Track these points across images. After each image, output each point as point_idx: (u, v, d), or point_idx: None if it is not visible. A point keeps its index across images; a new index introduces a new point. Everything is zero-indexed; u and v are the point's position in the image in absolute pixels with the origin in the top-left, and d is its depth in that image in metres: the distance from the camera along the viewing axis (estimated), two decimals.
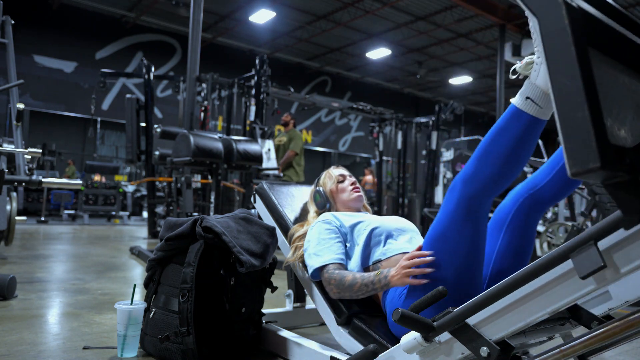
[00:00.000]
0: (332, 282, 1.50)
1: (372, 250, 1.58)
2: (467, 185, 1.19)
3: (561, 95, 0.73)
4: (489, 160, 1.15)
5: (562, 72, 0.73)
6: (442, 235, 1.26)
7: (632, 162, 0.73)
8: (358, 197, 1.82)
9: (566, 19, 0.73)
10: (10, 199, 3.61)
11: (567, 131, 0.71)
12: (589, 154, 0.69)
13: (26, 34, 12.01)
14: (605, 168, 0.68)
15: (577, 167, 0.70)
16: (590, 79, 0.72)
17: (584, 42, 0.73)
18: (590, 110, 0.69)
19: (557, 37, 0.74)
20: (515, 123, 1.11)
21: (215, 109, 7.20)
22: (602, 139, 0.69)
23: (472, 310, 1.01)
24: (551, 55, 0.75)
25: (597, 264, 0.78)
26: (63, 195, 9.33)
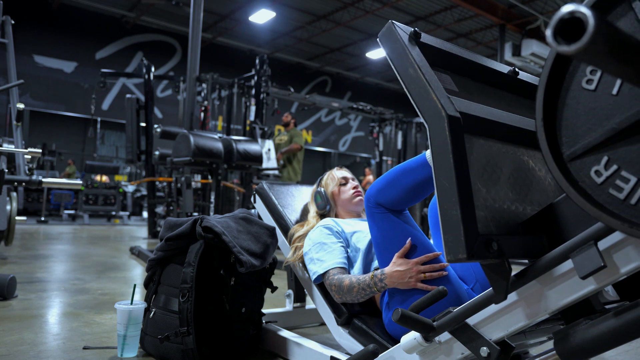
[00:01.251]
0: (333, 288, 1.51)
1: (373, 257, 1.59)
2: (375, 197, 1.40)
3: (441, 193, 0.86)
4: (394, 188, 1.37)
5: (443, 175, 0.86)
6: (380, 239, 1.41)
7: (499, 247, 0.85)
8: (359, 201, 1.82)
9: (447, 131, 0.87)
10: (10, 199, 3.60)
11: (445, 224, 0.84)
12: (459, 247, 0.82)
13: (26, 34, 12.02)
14: (471, 259, 0.81)
15: (451, 256, 0.83)
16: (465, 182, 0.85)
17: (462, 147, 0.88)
18: (462, 210, 0.83)
19: (440, 145, 0.88)
20: (420, 170, 1.32)
21: (215, 109, 7.20)
22: (471, 233, 0.82)
23: (472, 310, 1.00)
24: (436, 159, 0.88)
25: (597, 264, 0.78)
26: (63, 195, 9.33)
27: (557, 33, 0.43)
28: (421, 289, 1.32)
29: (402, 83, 0.98)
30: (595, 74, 0.72)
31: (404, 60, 0.97)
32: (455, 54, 1.11)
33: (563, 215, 0.89)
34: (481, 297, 0.99)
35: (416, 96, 0.95)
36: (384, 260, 1.41)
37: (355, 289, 1.43)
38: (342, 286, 1.47)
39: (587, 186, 0.73)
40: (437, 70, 1.02)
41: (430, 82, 0.93)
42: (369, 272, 1.56)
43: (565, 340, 0.86)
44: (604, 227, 0.81)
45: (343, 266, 1.56)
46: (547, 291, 0.91)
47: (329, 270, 1.54)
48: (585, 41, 0.40)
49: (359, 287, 1.43)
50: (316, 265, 1.58)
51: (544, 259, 0.90)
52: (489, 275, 0.89)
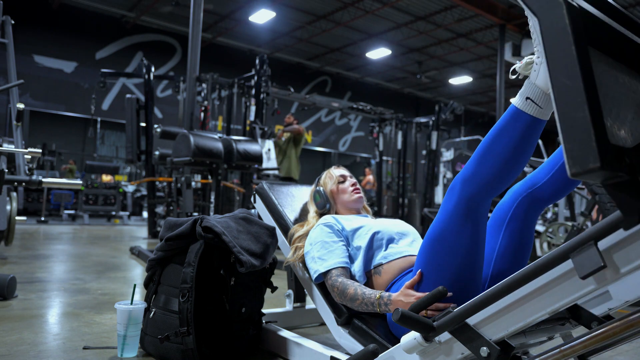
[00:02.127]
0: (335, 289, 1.50)
1: (374, 253, 1.58)
2: (466, 185, 1.19)
3: (561, 95, 0.73)
4: (488, 161, 1.15)
5: (563, 72, 0.72)
6: (441, 236, 1.26)
7: (631, 162, 0.73)
8: (358, 198, 1.82)
9: (566, 19, 0.73)
10: (10, 199, 3.61)
11: (567, 131, 0.71)
12: (589, 154, 0.68)
13: (26, 34, 12.02)
14: (605, 168, 0.67)
15: (577, 167, 0.70)
16: (591, 79, 0.72)
17: (585, 41, 0.73)
18: (591, 111, 0.69)
19: (557, 37, 0.73)
20: (515, 123, 1.11)
21: (215, 109, 7.20)
22: (602, 139, 0.69)
23: (472, 310, 1.00)
24: (551, 55, 0.74)
25: (597, 264, 0.78)
26: (63, 195, 9.33)
27: None
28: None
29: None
30: None
31: None
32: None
33: None
34: (482, 296, 0.99)
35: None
36: (434, 256, 1.26)
37: (359, 301, 1.42)
38: (345, 293, 1.46)
39: None
40: None
41: None
42: (370, 268, 1.57)
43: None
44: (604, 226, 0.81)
45: (345, 265, 1.55)
46: (547, 291, 0.91)
47: (331, 269, 1.54)
48: None
49: (362, 301, 1.42)
50: (317, 264, 1.58)
51: (544, 258, 0.90)
52: (616, 196, 0.77)
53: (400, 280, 1.48)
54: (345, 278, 1.51)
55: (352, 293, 1.44)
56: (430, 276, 1.28)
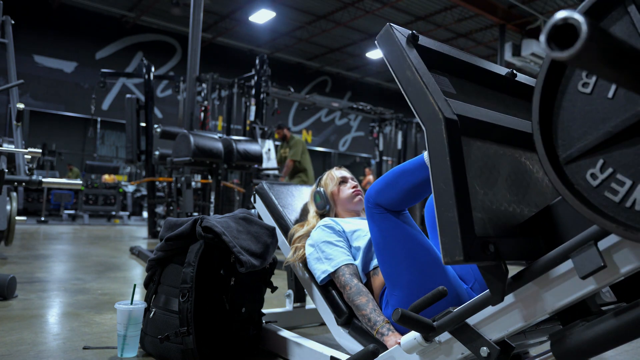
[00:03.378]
0: (347, 288, 1.52)
1: (372, 255, 1.59)
2: (375, 197, 1.40)
3: (438, 196, 0.86)
4: (393, 189, 1.37)
5: (440, 177, 0.86)
6: (380, 246, 1.41)
7: (496, 249, 0.85)
8: (359, 200, 1.82)
9: (444, 133, 0.87)
10: (10, 199, 3.61)
11: (442, 227, 0.85)
12: (456, 249, 0.82)
13: (26, 34, 12.02)
14: (468, 261, 0.81)
15: (447, 258, 0.84)
16: (462, 185, 0.85)
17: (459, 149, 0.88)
18: (459, 212, 0.83)
19: (437, 148, 0.88)
20: (419, 171, 1.32)
21: (215, 109, 7.20)
22: (468, 236, 0.82)
23: (472, 310, 1.01)
24: (433, 160, 0.88)
25: (597, 264, 0.79)
26: (63, 195, 9.33)
27: (551, 39, 0.43)
28: None
29: (399, 85, 0.98)
30: (591, 77, 0.73)
31: (401, 62, 0.97)
32: (452, 57, 1.11)
33: (560, 217, 0.90)
34: (480, 297, 0.99)
35: (414, 99, 0.95)
36: (384, 260, 1.41)
37: (363, 313, 1.45)
38: (353, 297, 1.49)
39: (583, 189, 0.73)
40: (434, 73, 1.03)
41: (427, 85, 0.93)
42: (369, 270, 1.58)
43: (562, 342, 0.86)
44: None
45: (352, 263, 1.59)
46: (547, 291, 0.91)
47: (340, 267, 1.56)
48: (578, 47, 0.40)
49: (364, 315, 1.45)
50: (325, 264, 1.59)
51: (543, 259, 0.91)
52: (485, 277, 0.89)
53: None
54: (357, 278, 1.55)
55: (359, 303, 1.47)
56: (395, 281, 1.37)
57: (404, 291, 1.37)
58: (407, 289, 1.35)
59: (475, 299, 1.00)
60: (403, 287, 1.36)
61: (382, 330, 1.37)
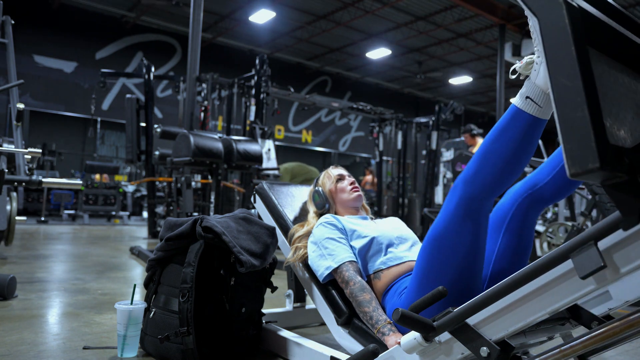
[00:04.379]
0: (350, 284, 1.50)
1: (373, 258, 1.59)
2: (468, 185, 1.19)
3: (561, 95, 0.72)
4: (490, 161, 1.15)
5: (562, 72, 0.72)
6: (442, 236, 1.25)
7: (631, 162, 0.73)
8: (357, 196, 1.82)
9: (566, 19, 0.72)
10: (10, 199, 3.61)
11: (567, 131, 0.71)
12: (588, 155, 0.68)
13: (26, 34, 12.01)
14: (604, 169, 0.67)
15: (576, 167, 0.70)
16: (590, 79, 0.71)
17: (584, 41, 0.73)
18: (590, 111, 0.69)
19: (557, 37, 0.73)
20: (515, 123, 1.11)
21: (215, 109, 7.20)
22: (601, 140, 0.69)
23: (472, 310, 1.00)
24: (551, 55, 0.74)
25: (597, 264, 0.78)
26: (63, 195, 9.33)
27: None
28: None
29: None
30: None
31: None
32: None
33: None
34: (482, 296, 0.99)
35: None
36: (434, 257, 1.26)
37: (365, 310, 1.43)
38: (356, 294, 1.47)
39: None
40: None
41: None
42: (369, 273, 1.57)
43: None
44: (604, 226, 0.81)
45: (354, 260, 1.57)
46: (547, 291, 0.91)
47: (343, 263, 1.55)
48: None
49: (366, 312, 1.43)
50: (327, 260, 1.58)
51: (544, 258, 0.90)
52: (615, 196, 0.76)
53: (397, 283, 1.50)
54: (360, 275, 1.53)
55: (361, 300, 1.45)
56: (430, 275, 1.27)
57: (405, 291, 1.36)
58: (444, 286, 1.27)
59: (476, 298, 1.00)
60: (436, 284, 1.23)
61: (383, 330, 1.37)
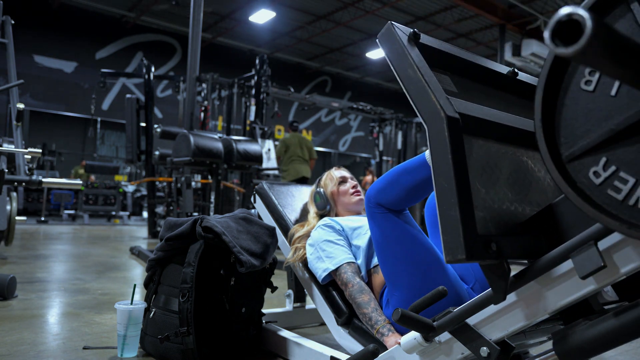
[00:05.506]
0: (349, 285, 1.52)
1: (373, 252, 1.59)
2: (376, 197, 1.39)
3: (440, 194, 0.86)
4: (394, 188, 1.36)
5: (442, 175, 0.86)
6: (381, 246, 1.40)
7: (498, 248, 0.85)
8: (359, 200, 1.82)
9: (446, 132, 0.86)
10: (10, 199, 3.60)
11: (443, 225, 0.84)
12: (458, 247, 0.81)
13: (26, 34, 12.01)
14: (470, 260, 0.81)
15: (450, 256, 0.83)
16: (464, 183, 0.85)
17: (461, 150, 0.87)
18: (461, 211, 0.82)
19: (438, 145, 0.87)
20: (420, 170, 1.31)
21: (215, 109, 7.20)
22: (470, 234, 0.82)
23: (472, 310, 1.00)
24: (435, 158, 0.88)
25: (597, 264, 0.78)
26: (63, 195, 9.33)
27: (555, 35, 0.43)
28: None
29: (401, 84, 0.98)
30: (594, 74, 0.72)
31: (403, 61, 0.97)
32: (454, 55, 1.11)
33: (562, 215, 0.89)
34: (481, 297, 0.99)
35: (415, 97, 0.94)
36: (384, 260, 1.41)
37: (364, 311, 1.45)
38: (355, 295, 1.48)
39: (586, 187, 0.73)
40: (436, 71, 1.02)
41: (429, 83, 0.92)
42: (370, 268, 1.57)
43: (564, 340, 0.86)
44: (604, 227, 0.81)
45: (353, 261, 1.58)
46: (547, 291, 0.91)
47: (341, 265, 1.56)
48: (583, 43, 0.40)
49: (365, 314, 1.44)
50: (326, 262, 1.59)
51: (544, 259, 0.90)
52: (487, 275, 0.89)
53: None
54: (359, 277, 1.54)
55: (360, 301, 1.47)
56: (396, 281, 1.37)
57: (405, 291, 1.37)
58: (407, 289, 1.35)
59: (475, 299, 1.00)
60: (403, 288, 1.36)
61: (383, 330, 1.37)
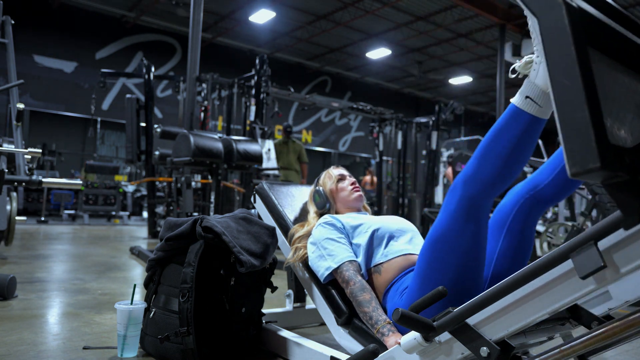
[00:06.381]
0: (350, 283, 1.50)
1: (374, 251, 1.59)
2: (467, 185, 1.19)
3: (561, 95, 0.72)
4: (489, 160, 1.15)
5: (562, 72, 0.72)
6: (442, 236, 1.25)
7: (631, 162, 0.73)
8: (358, 196, 1.82)
9: (566, 19, 0.72)
10: (10, 199, 3.61)
11: (567, 131, 0.71)
12: (589, 155, 0.68)
13: (26, 34, 12.00)
14: (605, 168, 0.67)
15: (577, 167, 0.69)
16: (590, 79, 0.71)
17: (584, 42, 0.73)
18: (590, 111, 0.69)
19: (556, 37, 0.73)
20: (515, 122, 1.11)
21: (215, 109, 7.19)
22: (602, 139, 0.68)
23: (472, 310, 1.00)
24: (551, 54, 0.74)
25: (597, 264, 0.78)
26: (63, 195, 9.33)
27: None
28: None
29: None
30: None
31: None
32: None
33: None
34: (482, 296, 0.99)
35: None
36: (435, 258, 1.25)
37: (365, 310, 1.43)
38: (356, 294, 1.47)
39: None
40: None
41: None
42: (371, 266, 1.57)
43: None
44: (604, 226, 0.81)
45: (355, 259, 1.57)
46: (547, 291, 0.91)
47: (342, 263, 1.55)
48: None
49: (366, 313, 1.43)
50: (327, 260, 1.58)
51: (544, 258, 0.90)
52: (616, 196, 0.76)
53: (398, 281, 1.48)
54: (360, 275, 1.53)
55: (361, 300, 1.45)
56: (431, 276, 1.27)
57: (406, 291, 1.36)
58: (440, 283, 1.24)
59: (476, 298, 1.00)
60: (437, 284, 1.21)
61: (383, 330, 1.37)
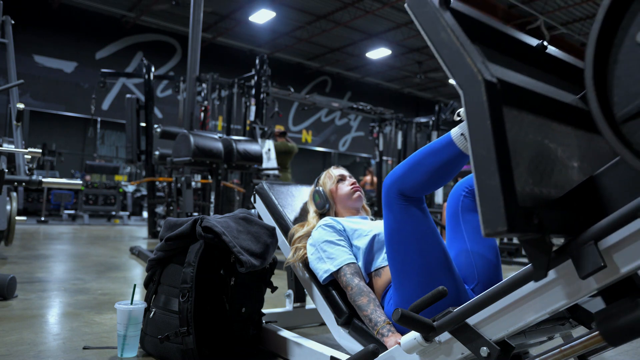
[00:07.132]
0: (348, 288, 1.52)
1: (374, 255, 1.59)
2: (398, 183, 1.33)
3: (478, 163, 0.80)
4: (417, 172, 1.30)
5: (480, 143, 0.80)
6: (393, 230, 1.35)
7: (540, 222, 0.80)
8: (358, 197, 1.82)
9: (484, 96, 0.80)
10: (10, 199, 3.61)
11: (482, 195, 0.79)
12: (498, 219, 0.76)
13: (26, 34, 12.01)
14: (511, 232, 0.76)
15: (489, 229, 0.78)
16: (504, 149, 0.79)
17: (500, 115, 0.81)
18: (501, 179, 0.77)
19: (476, 111, 0.81)
20: (445, 150, 1.26)
21: (215, 109, 7.20)
22: (511, 205, 0.77)
23: (472, 310, 1.00)
24: (472, 126, 0.82)
25: (597, 264, 0.78)
26: (63, 195, 9.33)
27: None
28: None
29: (433, 49, 0.90)
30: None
31: (435, 24, 0.90)
32: (484, 23, 1.04)
33: (605, 187, 0.85)
34: (482, 296, 0.99)
35: (449, 61, 0.87)
36: (394, 256, 1.36)
37: (364, 313, 1.44)
38: (355, 297, 1.48)
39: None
40: None
41: (464, 46, 0.85)
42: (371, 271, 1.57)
43: (610, 320, 0.82)
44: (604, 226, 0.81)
45: (353, 261, 1.58)
46: (547, 291, 0.91)
47: (342, 266, 1.56)
48: None
49: (365, 315, 1.44)
50: (327, 263, 1.59)
51: None
52: (528, 251, 0.84)
53: None
54: (359, 278, 1.54)
55: (360, 303, 1.47)
56: (401, 269, 1.34)
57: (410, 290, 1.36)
58: (413, 287, 1.32)
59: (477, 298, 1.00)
60: (410, 286, 1.32)
61: (383, 331, 1.37)
